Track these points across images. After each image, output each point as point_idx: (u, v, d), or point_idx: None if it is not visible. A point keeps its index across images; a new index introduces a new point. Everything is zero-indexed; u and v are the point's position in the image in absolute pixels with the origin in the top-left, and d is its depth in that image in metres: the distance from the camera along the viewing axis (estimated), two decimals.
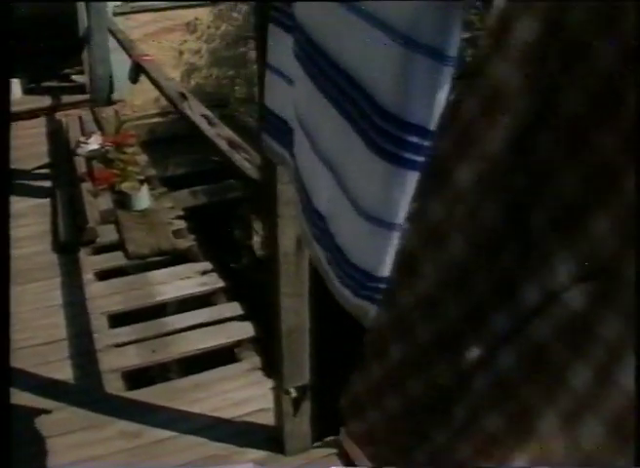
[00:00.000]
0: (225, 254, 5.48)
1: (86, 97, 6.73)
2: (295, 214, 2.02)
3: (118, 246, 4.26)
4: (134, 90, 6.84)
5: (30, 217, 4.57)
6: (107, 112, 6.28)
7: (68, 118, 6.24)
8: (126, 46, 5.11)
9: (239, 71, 7.31)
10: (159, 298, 3.75)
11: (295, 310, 2.22)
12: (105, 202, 4.56)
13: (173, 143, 7.13)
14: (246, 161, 2.35)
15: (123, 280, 3.94)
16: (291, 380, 2.41)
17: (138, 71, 4.52)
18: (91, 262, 4.11)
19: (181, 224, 4.54)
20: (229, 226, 7.25)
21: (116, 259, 4.14)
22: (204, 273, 4.00)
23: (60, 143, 5.72)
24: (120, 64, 6.71)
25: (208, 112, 3.06)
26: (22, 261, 3.77)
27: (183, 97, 3.32)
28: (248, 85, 7.45)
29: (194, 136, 7.25)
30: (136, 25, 6.76)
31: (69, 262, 4.10)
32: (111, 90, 6.77)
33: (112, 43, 6.55)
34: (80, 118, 6.22)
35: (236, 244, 7.37)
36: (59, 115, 6.56)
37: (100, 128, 5.85)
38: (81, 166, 4.96)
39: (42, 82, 7.18)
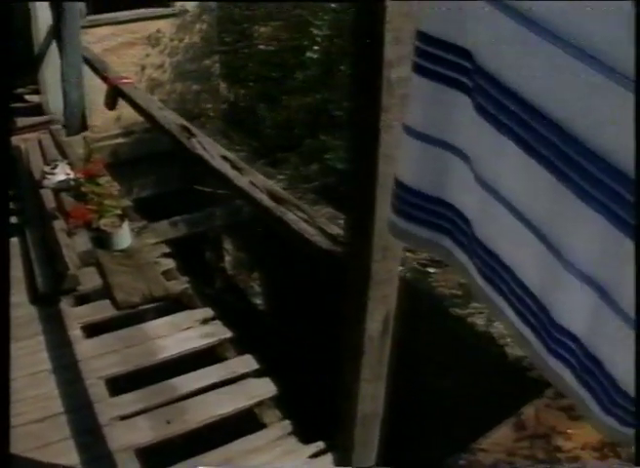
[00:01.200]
0: (197, 279, 5.11)
1: (44, 118, 6.20)
2: (384, 295, 1.73)
3: (104, 293, 3.84)
4: (92, 110, 6.37)
5: None
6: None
7: (27, 143, 5.71)
8: (98, 66, 4.64)
9: (204, 85, 6.91)
10: (160, 356, 3.37)
11: (372, 395, 1.92)
12: (83, 242, 4.11)
13: (136, 165, 6.69)
14: (305, 223, 1.97)
15: (115, 335, 3.53)
16: (358, 463, 2.13)
17: (115, 96, 4.10)
18: (75, 315, 3.67)
19: (170, 263, 4.15)
20: (199, 249, 6.87)
21: (104, 310, 3.72)
22: (205, 321, 3.64)
23: (21, 173, 5.21)
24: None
25: (227, 152, 2.67)
26: None
27: (188, 131, 2.91)
28: (214, 100, 7.07)
29: (157, 156, 6.92)
30: (94, 40, 6.27)
31: (51, 316, 3.66)
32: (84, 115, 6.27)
33: None
34: (40, 143, 5.71)
35: (208, 267, 6.99)
36: (15, 140, 6.02)
37: (63, 153, 5.36)
38: (49, 200, 4.49)
39: None
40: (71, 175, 4.60)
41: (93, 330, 3.58)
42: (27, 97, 6.78)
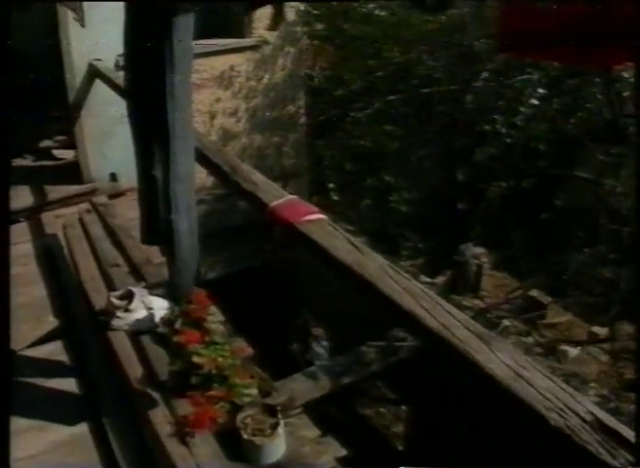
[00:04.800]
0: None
1: (85, 188, 4.64)
2: None
3: None
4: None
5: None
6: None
7: (67, 230, 4.13)
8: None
9: (287, 137, 5.36)
10: None
11: None
12: (208, 452, 2.46)
13: (204, 241, 5.14)
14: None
15: None
16: None
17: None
18: None
19: None
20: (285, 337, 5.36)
21: None
22: None
23: (66, 285, 3.63)
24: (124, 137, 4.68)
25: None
26: None
27: None
28: (297, 155, 5.51)
29: (230, 231, 5.36)
30: None
31: None
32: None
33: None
34: (84, 228, 4.13)
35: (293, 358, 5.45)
36: (45, 217, 4.46)
37: (122, 251, 3.80)
38: (125, 355, 2.89)
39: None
40: (157, 310, 3.03)
41: None
42: (56, 151, 5.21)
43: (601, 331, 5.18)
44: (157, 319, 3.06)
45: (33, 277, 3.76)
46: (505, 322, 5.38)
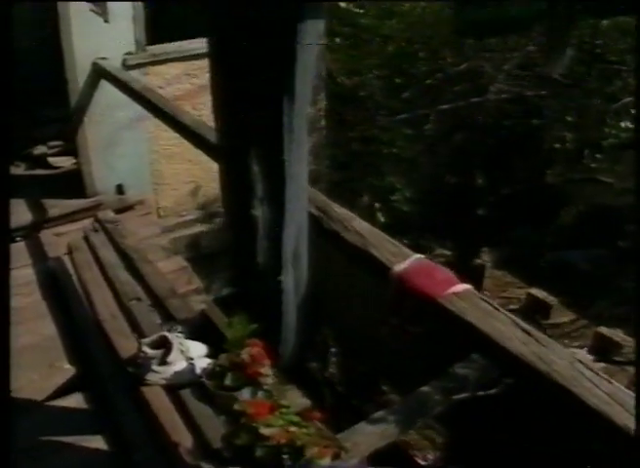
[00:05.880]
0: None
1: (89, 202, 4.14)
2: None
3: None
4: (158, 184, 4.35)
5: None
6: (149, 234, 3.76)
7: (74, 253, 3.64)
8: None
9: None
10: None
11: None
12: None
13: (219, 257, 4.68)
14: None
15: None
16: None
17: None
18: None
19: None
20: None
21: None
22: None
23: (79, 322, 3.15)
24: (132, 144, 4.21)
25: None
26: None
27: None
28: (317, 161, 5.05)
29: None
30: (160, 83, 4.24)
31: None
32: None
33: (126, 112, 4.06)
34: (93, 250, 3.64)
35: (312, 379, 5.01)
36: (45, 235, 3.96)
37: (141, 278, 3.34)
38: (165, 415, 2.44)
39: None
40: (197, 360, 2.58)
41: None
42: (51, 159, 4.69)
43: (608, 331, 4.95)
44: (198, 370, 2.61)
45: (39, 310, 3.28)
46: None
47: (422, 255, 1.62)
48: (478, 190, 5.64)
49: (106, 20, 3.53)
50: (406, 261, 1.59)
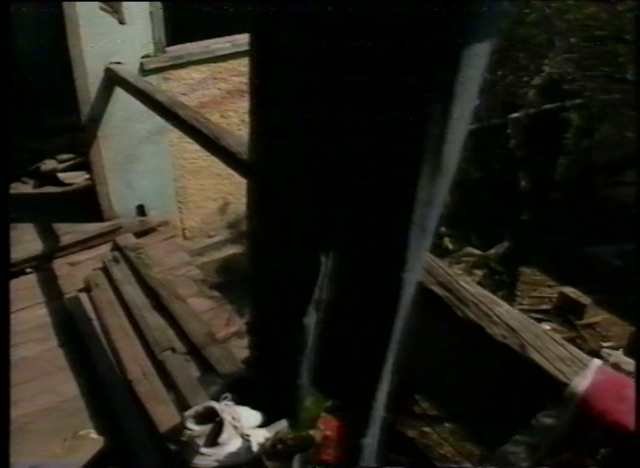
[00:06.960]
0: None
1: (107, 226, 3.66)
2: None
3: None
4: (183, 202, 3.88)
5: None
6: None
7: (93, 290, 3.17)
8: None
9: None
10: None
11: None
12: None
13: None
14: None
15: None
16: None
17: None
18: None
19: None
20: None
21: None
22: None
23: (105, 379, 2.68)
24: (153, 159, 3.73)
25: None
26: None
27: None
28: None
29: None
30: (183, 89, 3.75)
31: None
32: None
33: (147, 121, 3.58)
34: (113, 285, 3.17)
35: None
36: (60, 269, 3.49)
37: (173, 321, 2.87)
38: None
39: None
40: (254, 436, 2.11)
41: None
42: (62, 175, 4.21)
43: None
44: (255, 446, 2.15)
45: (56, 362, 2.82)
46: (545, 325, 4.75)
47: (601, 361, 1.14)
48: (520, 192, 5.30)
49: (122, 22, 3.04)
50: (587, 374, 1.11)
